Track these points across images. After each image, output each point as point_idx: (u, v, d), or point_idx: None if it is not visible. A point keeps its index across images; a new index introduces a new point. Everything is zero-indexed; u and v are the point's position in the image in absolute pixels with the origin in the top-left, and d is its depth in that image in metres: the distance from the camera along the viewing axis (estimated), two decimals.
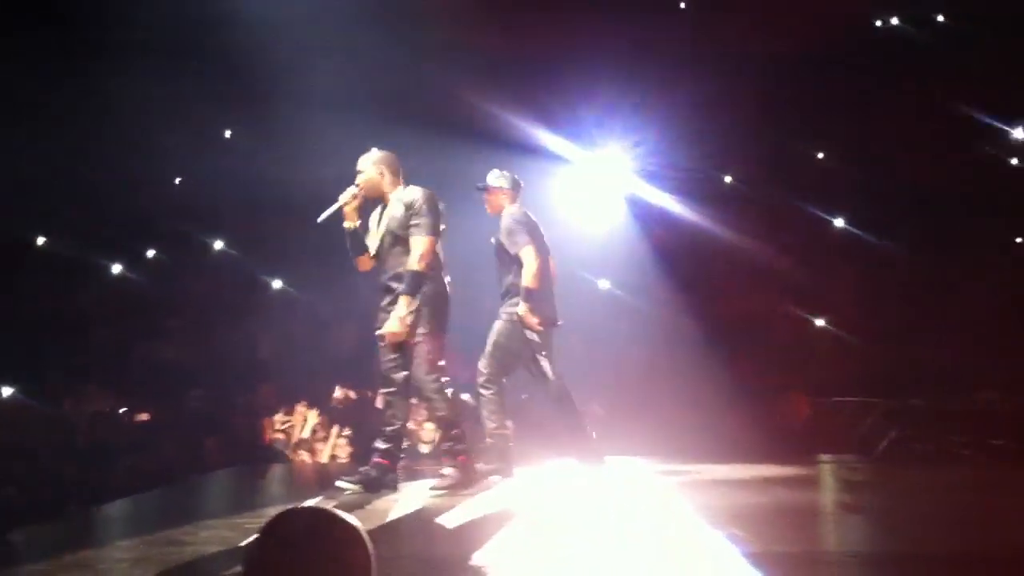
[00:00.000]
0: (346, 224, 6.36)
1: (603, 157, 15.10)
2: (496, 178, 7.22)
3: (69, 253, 15.39)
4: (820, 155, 16.08)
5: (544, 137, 14.49)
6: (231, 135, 15.24)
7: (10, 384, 11.31)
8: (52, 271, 15.56)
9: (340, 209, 6.29)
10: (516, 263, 6.87)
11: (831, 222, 15.53)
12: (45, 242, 15.76)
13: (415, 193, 6.28)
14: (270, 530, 1.66)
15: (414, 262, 6.07)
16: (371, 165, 6.37)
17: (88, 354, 13.98)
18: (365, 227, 6.48)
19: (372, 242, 6.39)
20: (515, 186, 7.28)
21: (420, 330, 6.11)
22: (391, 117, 11.70)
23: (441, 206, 6.37)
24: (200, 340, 13.97)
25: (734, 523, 4.92)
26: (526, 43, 14.56)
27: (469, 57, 13.81)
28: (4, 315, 15.07)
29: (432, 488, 6.12)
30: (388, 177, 6.35)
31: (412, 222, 6.15)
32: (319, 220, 6.34)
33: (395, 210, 6.26)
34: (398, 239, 6.20)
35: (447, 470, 6.20)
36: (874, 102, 14.50)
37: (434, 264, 6.23)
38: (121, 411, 10.56)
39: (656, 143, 15.19)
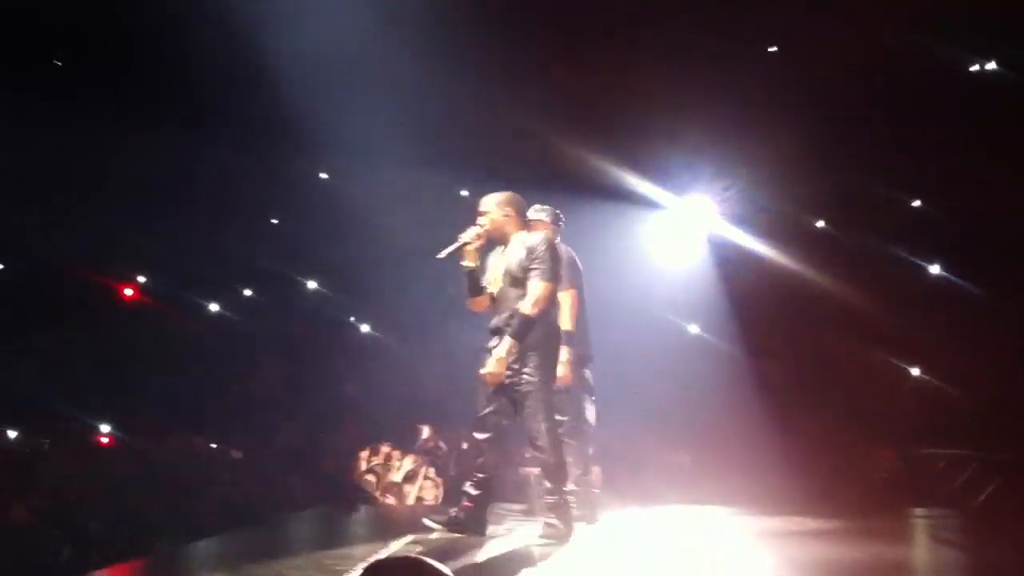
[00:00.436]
0: (465, 263, 6.29)
1: (692, 201, 15.10)
2: (536, 212, 7.22)
3: (166, 291, 15.78)
4: (913, 201, 15.82)
5: (633, 182, 14.56)
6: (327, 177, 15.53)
7: (105, 421, 11.58)
8: (149, 309, 15.97)
9: (460, 247, 6.26)
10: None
11: (923, 267, 15.24)
12: (144, 281, 16.18)
13: (538, 238, 6.26)
14: None
15: (527, 306, 6.02)
16: (495, 207, 6.34)
17: (181, 391, 14.28)
18: (483, 267, 6.41)
19: (491, 283, 6.33)
20: (555, 220, 7.35)
21: (531, 378, 6.03)
22: (481, 167, 11.83)
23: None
24: (290, 379, 14.19)
25: None
26: (613, 87, 14.66)
27: (557, 105, 13.94)
28: (101, 353, 15.50)
29: (540, 536, 6.02)
30: (513, 219, 6.34)
31: (532, 266, 6.10)
32: (440, 256, 6.27)
33: (517, 253, 6.21)
34: (517, 282, 6.16)
35: (552, 519, 6.06)
36: (969, 145, 14.22)
37: (548, 311, 6.17)
38: (212, 446, 10.72)
39: (745, 186, 15.12)
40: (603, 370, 7.51)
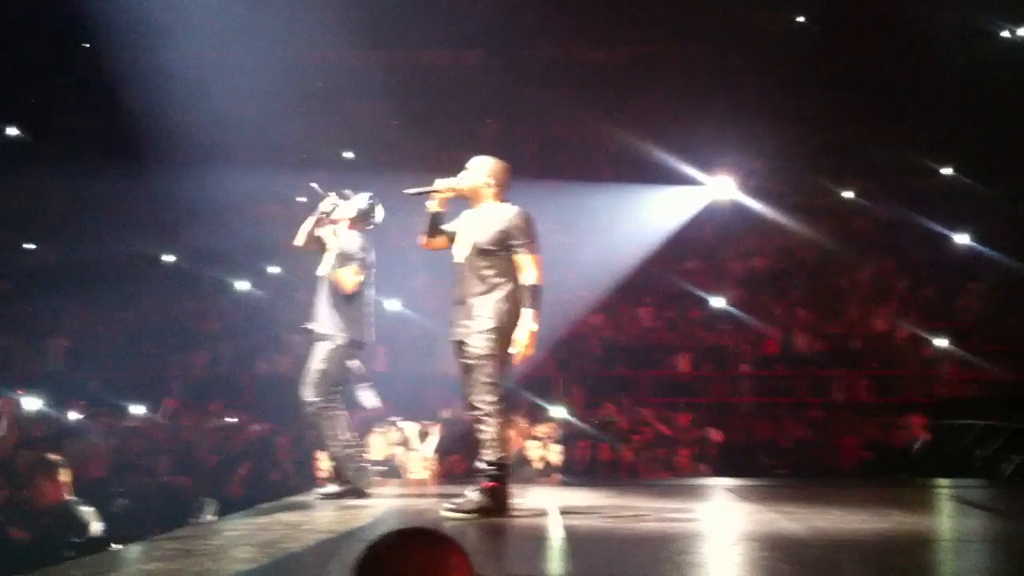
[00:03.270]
0: (431, 206, 6.24)
1: (719, 177, 15.06)
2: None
3: (194, 270, 15.93)
4: (945, 170, 15.71)
5: (658, 158, 14.55)
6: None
7: (133, 398, 11.68)
8: (177, 287, 16.12)
9: (430, 192, 6.19)
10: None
11: (953, 238, 15.12)
12: (172, 259, 16.32)
13: (514, 212, 6.12)
14: (372, 550, 1.70)
15: (534, 277, 5.98)
16: (481, 169, 6.24)
17: (209, 369, 14.42)
18: (443, 218, 6.29)
19: (457, 253, 6.20)
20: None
21: (485, 350, 5.93)
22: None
23: None
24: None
25: (843, 548, 4.82)
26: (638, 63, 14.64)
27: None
28: (129, 330, 15.66)
29: (447, 509, 5.86)
30: (494, 190, 6.20)
31: (518, 241, 6.01)
32: (406, 192, 6.28)
33: (491, 225, 6.09)
34: (485, 254, 6.04)
35: (472, 493, 5.90)
36: (1001, 116, 14.09)
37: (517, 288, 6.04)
38: (235, 421, 10.77)
39: (772, 161, 15.07)
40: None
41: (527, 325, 5.93)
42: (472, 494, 5.88)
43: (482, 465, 5.96)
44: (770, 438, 11.50)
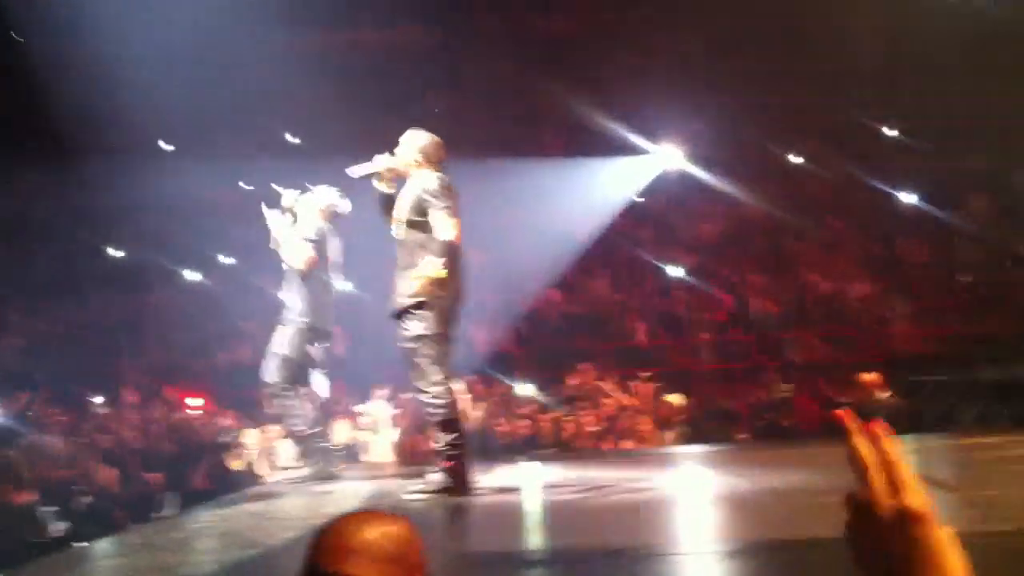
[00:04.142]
0: (377, 186, 6.17)
1: (666, 146, 15.11)
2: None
3: (144, 260, 15.75)
4: (891, 131, 15.84)
5: (603, 130, 14.57)
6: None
7: (89, 391, 11.58)
8: (128, 279, 15.94)
9: (371, 174, 6.14)
10: None
11: (898, 197, 15.28)
12: (120, 252, 16.13)
13: (432, 178, 5.98)
14: (322, 536, 1.71)
15: (448, 233, 5.76)
16: (411, 146, 6.13)
17: (168, 358, 14.29)
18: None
19: (393, 225, 6.11)
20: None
21: (422, 331, 5.82)
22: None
23: None
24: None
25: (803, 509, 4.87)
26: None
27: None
28: (83, 324, 15.47)
29: (410, 492, 5.85)
30: (423, 165, 6.07)
31: (433, 204, 5.85)
32: (350, 172, 6.23)
33: (410, 193, 6.01)
34: (414, 225, 5.95)
35: (434, 475, 5.87)
36: (943, 72, 14.21)
37: (451, 259, 5.85)
38: (200, 413, 10.70)
39: (717, 125, 15.13)
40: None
41: (427, 268, 5.74)
42: (432, 475, 5.87)
43: (437, 447, 5.93)
44: (729, 403, 11.60)
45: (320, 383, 7.03)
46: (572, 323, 15.05)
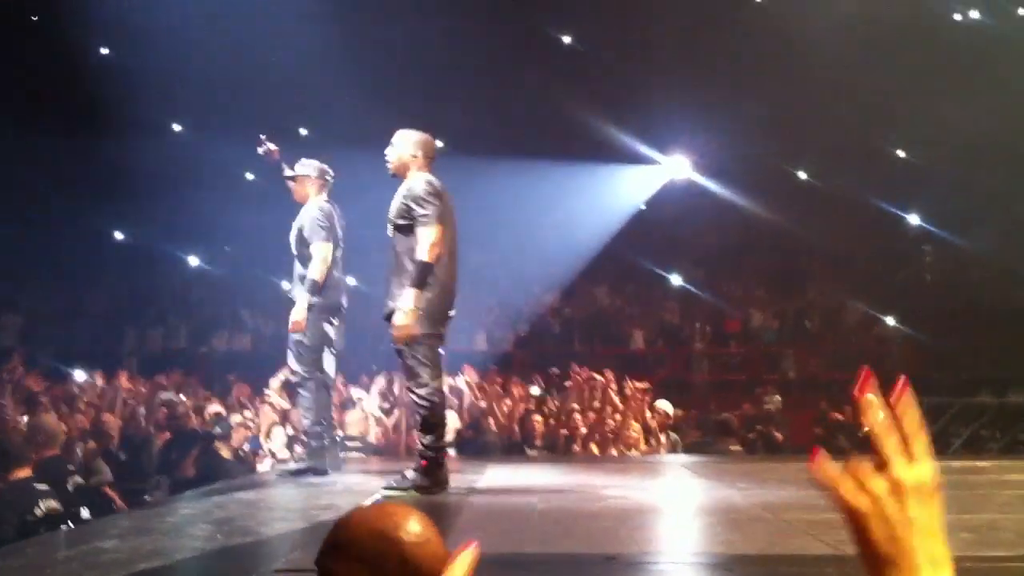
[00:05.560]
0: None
1: (675, 157, 15.14)
2: (303, 166, 7.10)
3: (148, 245, 15.78)
4: (898, 151, 15.85)
5: (612, 138, 14.59)
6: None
7: (89, 371, 11.59)
8: (132, 263, 15.98)
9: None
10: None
11: (905, 218, 15.31)
12: (124, 236, 16.16)
13: (418, 181, 5.94)
14: (336, 532, 1.72)
15: (423, 252, 5.75)
16: (406, 143, 6.11)
17: (164, 344, 14.33)
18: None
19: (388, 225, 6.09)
20: (322, 175, 7.12)
21: (413, 333, 5.81)
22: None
23: None
24: (274, 331, 14.20)
25: (796, 524, 4.88)
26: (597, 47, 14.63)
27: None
28: (85, 305, 15.51)
29: (385, 487, 5.86)
30: (420, 161, 6.06)
31: (417, 212, 5.82)
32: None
33: (398, 197, 5.98)
34: (399, 228, 5.93)
35: (409, 472, 5.88)
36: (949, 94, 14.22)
37: (441, 256, 5.87)
38: (185, 399, 10.69)
39: (725, 139, 15.15)
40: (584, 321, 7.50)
41: (403, 304, 5.76)
42: (408, 472, 5.89)
43: (417, 445, 5.98)
44: (723, 414, 11.61)
45: (328, 363, 7.01)
46: (571, 327, 15.10)
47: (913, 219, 15.20)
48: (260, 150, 7.01)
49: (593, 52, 14.97)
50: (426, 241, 5.79)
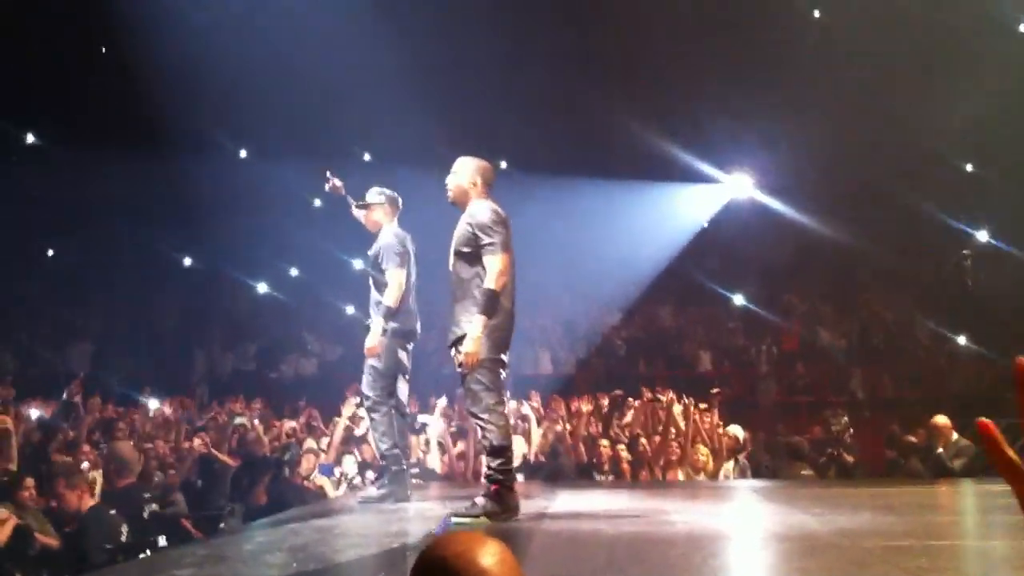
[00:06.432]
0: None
1: (736, 175, 15.05)
2: (374, 195, 7.18)
3: (215, 269, 16.00)
4: (966, 165, 15.62)
5: (675, 157, 14.55)
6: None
7: (161, 397, 11.74)
8: (198, 288, 16.20)
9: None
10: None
11: (973, 234, 15.06)
12: (191, 260, 16.38)
13: (482, 208, 5.97)
14: (422, 562, 1.74)
15: (491, 281, 5.79)
16: (466, 170, 6.14)
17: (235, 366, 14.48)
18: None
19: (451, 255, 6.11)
20: (393, 202, 7.22)
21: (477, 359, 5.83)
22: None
23: None
24: (338, 353, 14.33)
25: (873, 551, 4.80)
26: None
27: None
28: (155, 330, 15.72)
29: (455, 514, 5.81)
30: (479, 189, 6.09)
31: (484, 241, 5.87)
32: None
33: (462, 225, 6.00)
34: (461, 256, 5.96)
35: (479, 498, 5.83)
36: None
37: (507, 283, 5.91)
38: (256, 423, 10.78)
39: (787, 157, 15.04)
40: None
41: (471, 332, 5.80)
42: (478, 499, 5.86)
43: (485, 470, 5.97)
44: (794, 437, 11.46)
45: (402, 389, 7.06)
46: (635, 348, 15.03)
47: (981, 234, 14.94)
48: (327, 187, 7.11)
49: (656, 72, 14.95)
50: (494, 270, 5.83)
